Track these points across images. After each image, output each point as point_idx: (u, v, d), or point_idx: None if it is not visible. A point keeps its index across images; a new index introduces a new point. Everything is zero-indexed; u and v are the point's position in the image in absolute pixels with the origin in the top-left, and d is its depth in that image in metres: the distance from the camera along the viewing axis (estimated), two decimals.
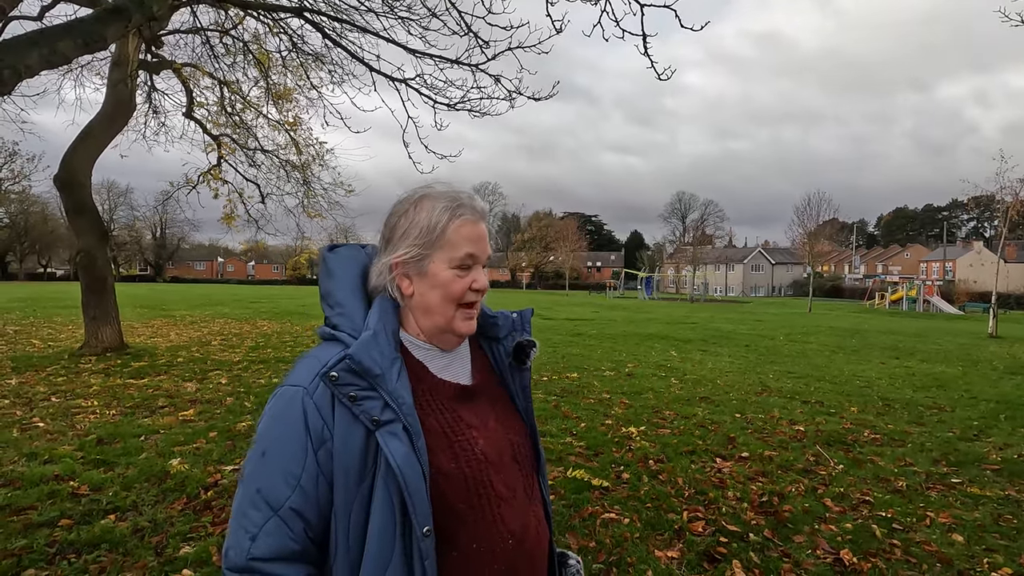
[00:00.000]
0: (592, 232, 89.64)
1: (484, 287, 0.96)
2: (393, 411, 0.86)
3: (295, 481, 0.84)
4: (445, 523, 0.88)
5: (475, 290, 0.95)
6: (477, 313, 0.98)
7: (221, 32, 9.57)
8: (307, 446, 0.85)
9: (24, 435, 4.49)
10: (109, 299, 8.92)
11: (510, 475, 0.96)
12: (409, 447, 0.85)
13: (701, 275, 50.36)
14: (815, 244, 34.36)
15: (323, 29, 7.43)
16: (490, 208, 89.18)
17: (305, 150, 11.92)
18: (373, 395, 0.86)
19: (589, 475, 3.85)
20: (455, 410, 0.95)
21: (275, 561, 0.84)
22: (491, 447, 0.95)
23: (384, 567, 0.84)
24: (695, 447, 4.66)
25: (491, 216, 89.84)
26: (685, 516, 3.29)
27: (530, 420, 1.06)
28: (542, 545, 1.01)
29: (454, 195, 0.95)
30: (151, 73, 10.42)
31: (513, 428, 1.02)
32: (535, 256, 69.92)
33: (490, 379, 1.04)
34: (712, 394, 6.86)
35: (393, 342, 0.92)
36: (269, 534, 0.84)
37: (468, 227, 0.94)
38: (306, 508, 0.85)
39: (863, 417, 5.94)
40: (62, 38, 3.66)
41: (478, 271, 0.96)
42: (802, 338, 14.04)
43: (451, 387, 0.97)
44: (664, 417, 5.66)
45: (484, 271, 0.97)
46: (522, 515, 0.96)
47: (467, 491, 0.90)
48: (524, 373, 1.07)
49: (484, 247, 0.96)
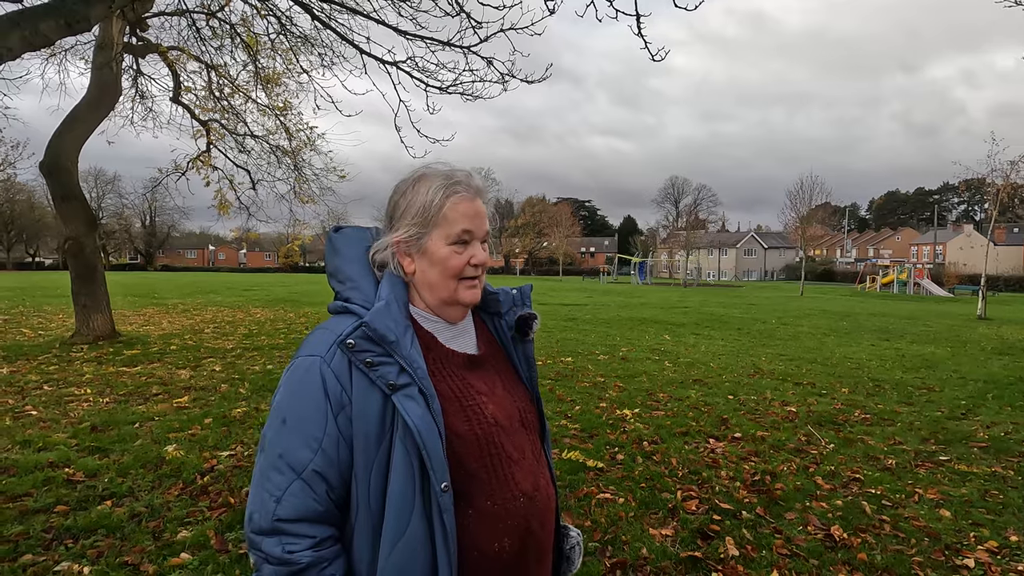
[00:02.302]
0: (586, 217, 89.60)
1: (483, 262, 0.99)
2: (409, 375, 0.90)
3: (317, 445, 0.88)
4: (461, 483, 0.92)
5: (474, 265, 0.98)
6: (481, 283, 1.02)
7: (208, 14, 9.38)
8: (327, 411, 0.89)
9: (17, 423, 4.47)
10: (99, 287, 8.84)
11: (519, 438, 1.01)
12: (425, 408, 0.89)
13: (694, 260, 50.51)
14: (807, 228, 34.48)
15: (312, 10, 7.30)
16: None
17: (296, 135, 11.77)
18: (389, 360, 0.90)
19: (584, 456, 3.89)
20: (464, 377, 0.99)
21: (300, 522, 0.87)
22: (500, 412, 1.00)
23: (405, 524, 0.88)
24: (689, 428, 4.70)
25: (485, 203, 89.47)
26: (679, 495, 3.33)
27: (534, 389, 1.11)
28: (551, 504, 1.06)
29: (450, 173, 0.98)
30: (137, 57, 10.23)
31: (519, 395, 1.06)
32: (529, 242, 69.80)
33: (494, 350, 1.09)
34: (705, 377, 6.92)
35: (404, 312, 0.97)
36: (294, 495, 0.87)
37: (464, 204, 0.97)
38: (328, 471, 0.89)
39: (854, 398, 6.02)
40: (44, 18, 3.57)
41: (476, 247, 0.99)
42: (794, 321, 14.15)
43: (460, 356, 1.01)
44: (658, 400, 5.71)
45: (483, 246, 1.00)
46: (532, 475, 1.00)
47: (480, 452, 0.94)
48: (527, 345, 1.11)
49: (481, 223, 0.99)
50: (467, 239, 0.98)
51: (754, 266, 69.95)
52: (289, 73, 10.48)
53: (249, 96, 11.19)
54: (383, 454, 0.89)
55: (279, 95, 11.19)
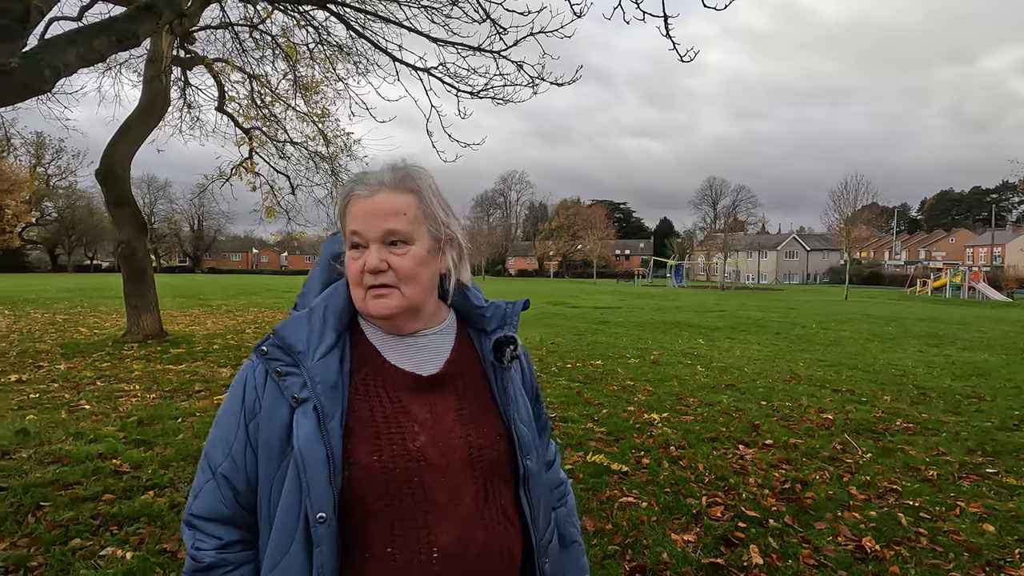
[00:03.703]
0: (620, 220, 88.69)
1: (371, 267, 0.86)
2: (309, 389, 0.83)
3: (228, 449, 0.87)
4: (359, 520, 0.83)
5: (367, 271, 0.87)
6: (402, 294, 0.87)
7: (250, 27, 9.77)
8: (241, 416, 0.87)
9: (72, 416, 4.75)
10: (149, 289, 9.29)
11: (456, 480, 0.86)
12: (315, 428, 0.82)
13: (732, 262, 49.35)
14: (853, 229, 33.23)
15: (347, 21, 7.51)
16: (517, 197, 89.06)
17: (333, 141, 12.12)
18: (295, 372, 0.85)
19: (609, 460, 3.87)
20: (402, 401, 0.88)
21: (209, 521, 0.88)
22: (434, 446, 0.86)
23: (285, 549, 0.82)
24: (718, 434, 4.62)
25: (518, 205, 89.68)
26: (704, 501, 3.28)
27: (512, 424, 0.94)
28: (499, 569, 0.88)
29: (360, 174, 0.92)
30: (184, 69, 10.73)
31: (481, 430, 0.91)
32: (563, 244, 69.61)
33: (470, 373, 0.95)
34: (738, 382, 6.77)
35: (334, 321, 0.90)
36: (206, 494, 0.88)
37: (356, 204, 0.88)
38: (235, 476, 0.87)
39: (896, 406, 5.78)
40: (97, 36, 3.81)
41: (370, 251, 0.86)
42: (836, 326, 13.67)
43: (403, 376, 0.90)
44: (687, 404, 5.62)
45: (391, 249, 0.87)
46: (463, 528, 0.85)
47: (386, 489, 0.83)
48: (506, 372, 0.96)
49: (371, 223, 0.86)
50: (357, 242, 0.87)
51: (796, 269, 67.84)
52: (327, 81, 10.81)
53: (289, 104, 11.60)
54: (283, 469, 0.84)
55: (317, 102, 11.56)
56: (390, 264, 0.86)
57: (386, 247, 0.86)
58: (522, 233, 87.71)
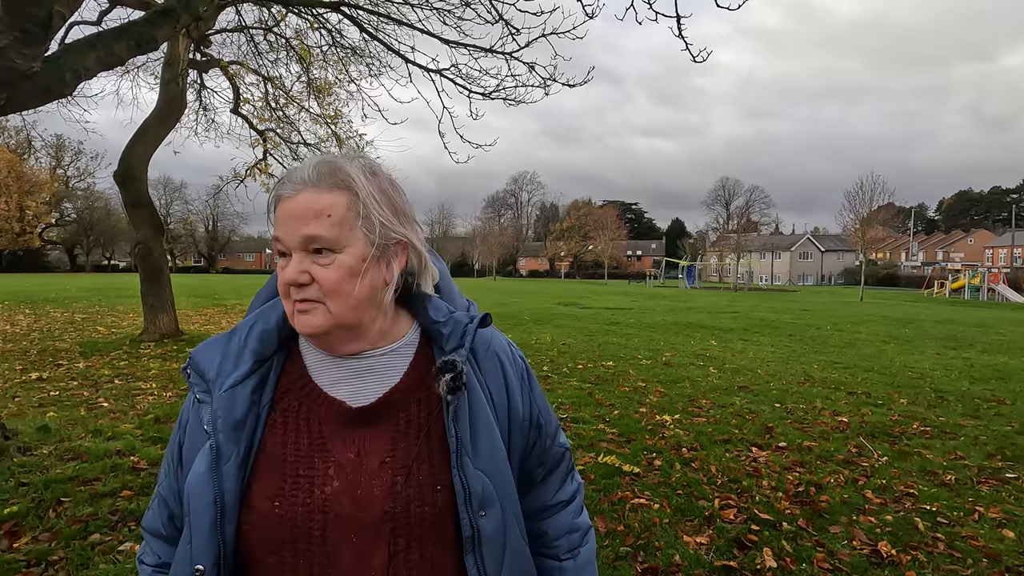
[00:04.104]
0: (632, 220, 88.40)
1: (290, 280, 0.73)
2: (211, 424, 0.74)
3: (167, 469, 0.83)
4: (250, 571, 0.75)
5: (286, 283, 0.74)
6: (328, 309, 0.74)
7: (265, 30, 9.88)
8: (178, 439, 0.82)
9: (90, 414, 4.84)
10: (165, 288, 9.43)
11: (367, 538, 0.72)
12: (207, 468, 0.73)
13: (745, 263, 48.93)
14: (868, 230, 32.79)
15: (360, 23, 7.57)
16: (528, 198, 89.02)
17: (346, 142, 12.20)
18: (208, 401, 0.76)
19: (620, 461, 3.86)
20: (323, 436, 0.75)
21: (152, 537, 0.85)
22: (349, 494, 0.72)
23: None
24: (731, 436, 4.59)
25: (529, 206, 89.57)
26: (716, 503, 3.26)
27: (461, 473, 0.75)
28: None
29: (289, 171, 0.79)
30: (200, 72, 10.87)
31: (415, 478, 0.74)
32: (574, 245, 69.49)
33: (419, 404, 0.79)
34: (752, 384, 6.72)
35: (255, 344, 0.79)
36: (152, 510, 0.86)
37: (281, 206, 0.75)
38: (170, 498, 0.82)
39: (913, 409, 5.70)
40: (117, 40, 3.87)
41: (293, 259, 0.73)
42: (851, 328, 13.50)
43: (331, 406, 0.77)
44: (700, 406, 5.59)
45: (305, 257, 0.73)
46: None
47: (279, 540, 0.72)
48: (458, 406, 0.77)
49: (290, 228, 0.73)
50: (281, 249, 0.75)
51: (810, 270, 67.10)
52: (340, 83, 10.89)
53: (303, 106, 11.69)
54: None
55: (330, 104, 11.64)
56: (313, 276, 0.73)
57: (309, 255, 0.73)
58: (533, 234, 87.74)
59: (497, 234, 70.15)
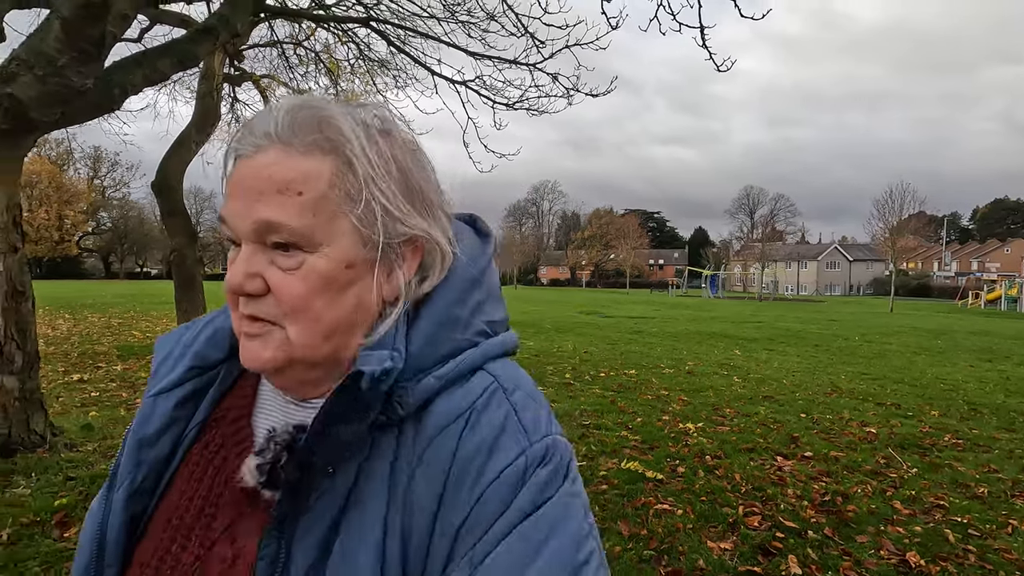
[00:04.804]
0: (654, 229, 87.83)
1: (233, 286, 0.49)
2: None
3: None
4: None
5: (229, 290, 0.50)
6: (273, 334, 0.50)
7: (295, 44, 10.21)
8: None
9: (129, 414, 5.04)
10: (198, 295, 9.72)
11: None
12: (99, 499, 0.58)
13: (770, 273, 48.17)
14: (898, 239, 32.05)
15: (388, 37, 7.78)
16: (549, 207, 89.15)
17: None
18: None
19: (643, 467, 3.88)
20: (218, 505, 0.54)
21: None
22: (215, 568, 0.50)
23: None
24: (755, 445, 4.56)
25: (550, 215, 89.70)
26: (741, 510, 3.26)
27: None
28: None
29: (252, 117, 0.53)
30: (233, 85, 11.25)
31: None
32: (595, 254, 69.31)
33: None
34: (776, 393, 6.65)
35: (201, 345, 0.60)
36: None
37: (235, 170, 0.51)
38: None
39: (944, 421, 5.58)
40: (161, 57, 4.08)
41: (241, 253, 0.50)
42: (880, 339, 13.21)
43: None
44: (724, 415, 5.56)
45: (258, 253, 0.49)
46: None
47: None
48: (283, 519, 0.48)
49: (241, 205, 0.49)
50: (231, 236, 0.51)
51: (838, 280, 65.71)
52: (366, 95, 11.16)
53: None
54: None
55: None
56: (268, 284, 0.49)
57: (266, 251, 0.49)
58: (554, 242, 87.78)
59: (518, 243, 70.33)
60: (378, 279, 0.52)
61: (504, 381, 0.53)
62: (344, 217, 0.49)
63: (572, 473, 0.50)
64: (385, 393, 0.49)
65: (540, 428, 0.51)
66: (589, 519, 0.49)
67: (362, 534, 0.47)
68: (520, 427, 0.50)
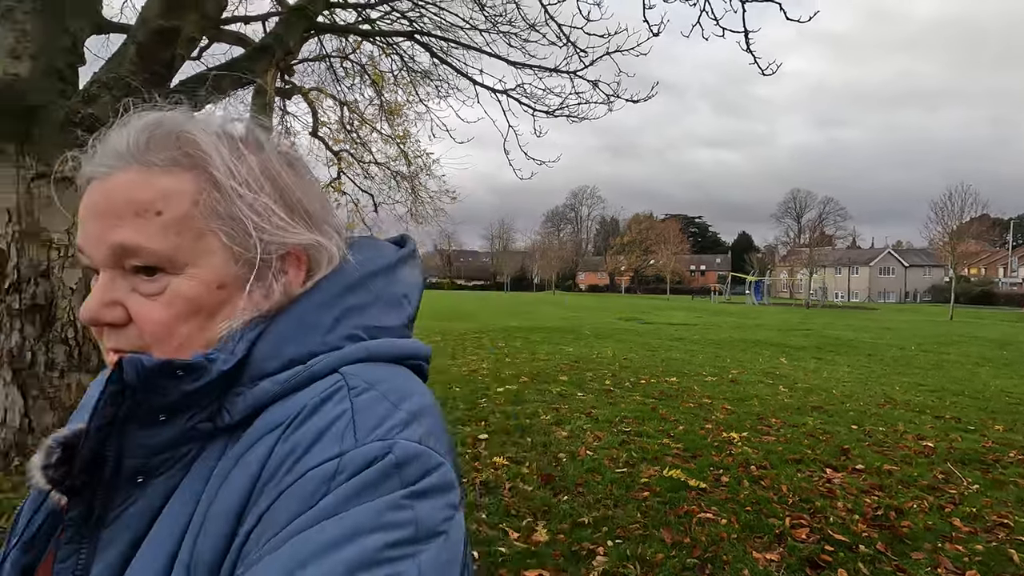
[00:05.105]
0: (696, 234, 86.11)
1: (90, 317, 0.47)
2: None
3: None
4: None
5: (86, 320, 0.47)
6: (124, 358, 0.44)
7: (342, 57, 10.59)
8: None
9: None
10: None
11: None
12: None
13: (819, 279, 46.47)
14: (959, 244, 30.39)
15: (431, 49, 7.98)
16: (588, 212, 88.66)
17: (414, 161, 12.79)
18: None
19: (686, 475, 3.85)
20: None
21: None
22: None
23: None
24: (803, 456, 4.45)
25: (589, 220, 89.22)
26: (788, 522, 3.20)
27: None
28: None
29: (102, 134, 0.50)
30: (284, 98, 11.74)
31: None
32: (635, 259, 68.46)
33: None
34: (826, 404, 6.44)
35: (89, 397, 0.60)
36: None
37: (89, 193, 0.49)
38: None
39: (1010, 436, 5.29)
40: (224, 76, 4.33)
41: (99, 280, 0.48)
42: (939, 349, 12.58)
43: None
44: (770, 424, 5.43)
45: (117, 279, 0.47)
46: None
47: None
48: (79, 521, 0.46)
49: (95, 229, 0.47)
50: (89, 264, 0.49)
51: (892, 286, 62.75)
52: (409, 104, 11.47)
53: (374, 127, 12.38)
54: None
55: (400, 124, 12.27)
56: (129, 312, 0.47)
57: (126, 277, 0.47)
58: (593, 248, 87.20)
59: (556, 248, 70.24)
60: (253, 296, 0.49)
61: (354, 381, 0.46)
62: (212, 235, 0.48)
63: (419, 486, 0.41)
64: (196, 394, 0.44)
65: (378, 431, 0.43)
66: (423, 545, 0.39)
67: (157, 544, 0.43)
68: (351, 428, 0.43)
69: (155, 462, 0.44)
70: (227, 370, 0.45)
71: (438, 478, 0.43)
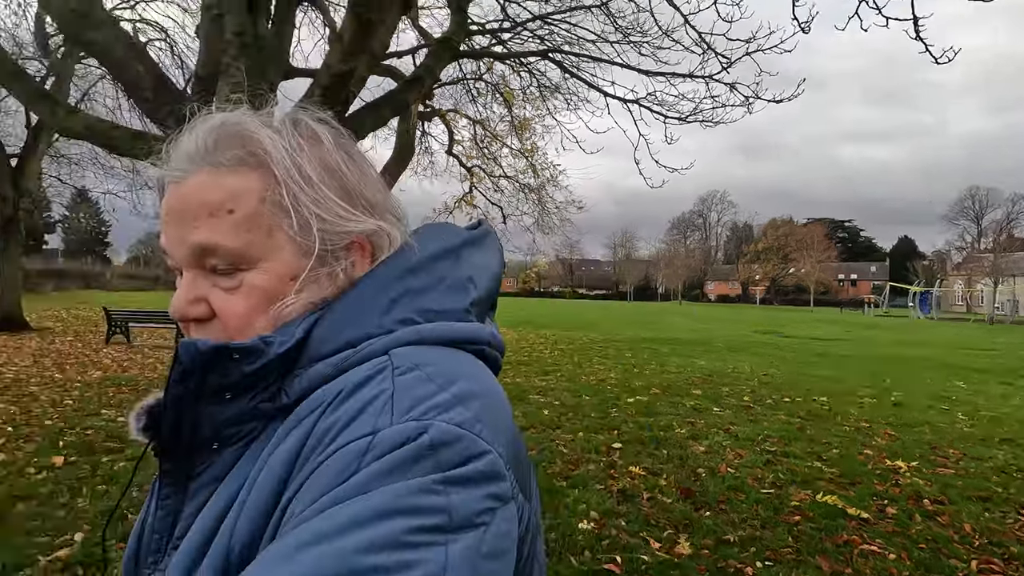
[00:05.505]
0: (845, 240, 77.43)
1: (179, 314, 0.51)
2: None
3: None
4: None
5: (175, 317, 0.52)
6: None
7: (476, 79, 11.25)
8: None
9: None
10: None
11: None
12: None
13: (1007, 290, 39.43)
14: None
15: (562, 64, 8.21)
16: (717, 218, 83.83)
17: (541, 173, 13.16)
18: None
19: (843, 503, 3.55)
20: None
21: None
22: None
23: None
24: (991, 494, 3.88)
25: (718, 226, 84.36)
26: (974, 565, 2.83)
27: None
28: None
29: (173, 138, 0.53)
30: (424, 121, 12.76)
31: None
32: (771, 268, 63.37)
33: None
34: (1019, 436, 5.52)
35: None
36: None
37: (167, 197, 0.52)
38: None
39: None
40: (384, 106, 4.88)
41: (183, 280, 0.51)
42: None
43: None
44: (945, 455, 4.80)
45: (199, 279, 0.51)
46: None
47: None
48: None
49: (176, 232, 0.51)
50: (174, 265, 0.52)
51: None
52: (538, 118, 11.85)
53: (504, 143, 12.95)
54: None
55: (528, 138, 12.71)
56: (212, 307, 0.51)
57: (207, 275, 0.51)
58: (723, 256, 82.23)
59: (683, 257, 67.35)
60: (323, 284, 0.52)
61: (400, 361, 0.46)
62: (280, 230, 0.50)
63: (456, 472, 0.39)
64: (256, 375, 0.48)
65: (415, 411, 0.42)
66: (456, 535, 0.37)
67: (209, 511, 0.47)
68: (388, 407, 0.42)
69: (227, 433, 0.49)
70: (284, 352, 0.48)
71: (482, 466, 0.41)
